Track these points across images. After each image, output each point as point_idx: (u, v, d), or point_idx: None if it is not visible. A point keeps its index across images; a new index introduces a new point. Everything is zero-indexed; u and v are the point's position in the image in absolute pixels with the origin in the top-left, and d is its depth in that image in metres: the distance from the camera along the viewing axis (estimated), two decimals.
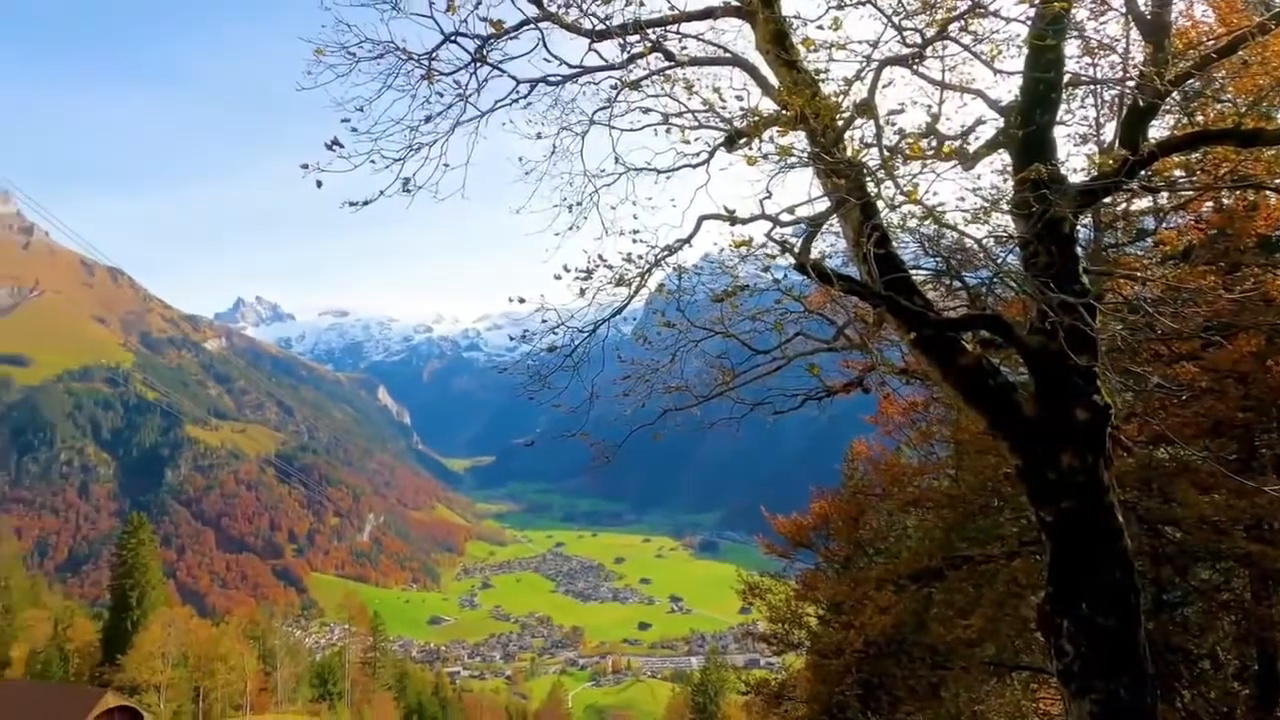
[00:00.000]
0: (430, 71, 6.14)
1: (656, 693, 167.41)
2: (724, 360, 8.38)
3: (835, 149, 5.91)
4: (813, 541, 18.17)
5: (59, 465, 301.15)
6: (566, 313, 6.90)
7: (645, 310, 8.80)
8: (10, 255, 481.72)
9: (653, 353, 8.25)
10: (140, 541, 61.07)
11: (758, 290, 7.74)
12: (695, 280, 7.33)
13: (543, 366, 7.21)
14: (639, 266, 6.64)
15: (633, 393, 8.39)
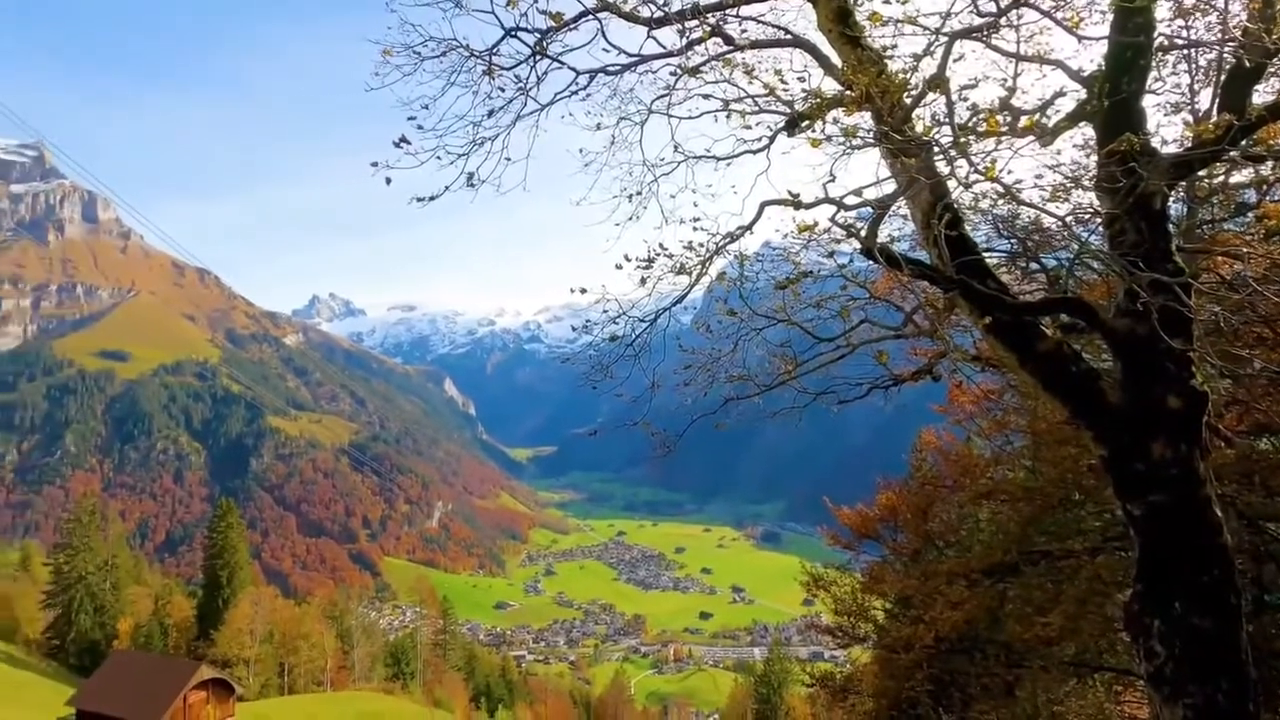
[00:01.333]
0: (491, 67, 6.22)
1: (718, 682, 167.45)
2: (787, 349, 8.22)
3: (903, 128, 5.69)
4: (879, 534, 17.70)
5: (156, 453, 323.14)
6: (627, 303, 6.91)
7: (705, 299, 8.73)
8: (110, 259, 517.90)
9: (714, 341, 8.18)
10: (229, 525, 64.95)
11: (821, 276, 7.56)
12: (757, 268, 7.22)
13: (604, 357, 7.25)
14: (700, 254, 6.58)
15: (694, 382, 8.34)
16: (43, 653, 64.44)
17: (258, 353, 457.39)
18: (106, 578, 65.45)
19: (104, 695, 34.56)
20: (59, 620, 64.32)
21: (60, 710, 35.90)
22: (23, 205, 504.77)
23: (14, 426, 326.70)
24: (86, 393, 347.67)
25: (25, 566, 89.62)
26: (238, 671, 53.00)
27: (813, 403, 9.21)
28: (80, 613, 63.47)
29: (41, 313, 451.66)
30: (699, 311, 9.79)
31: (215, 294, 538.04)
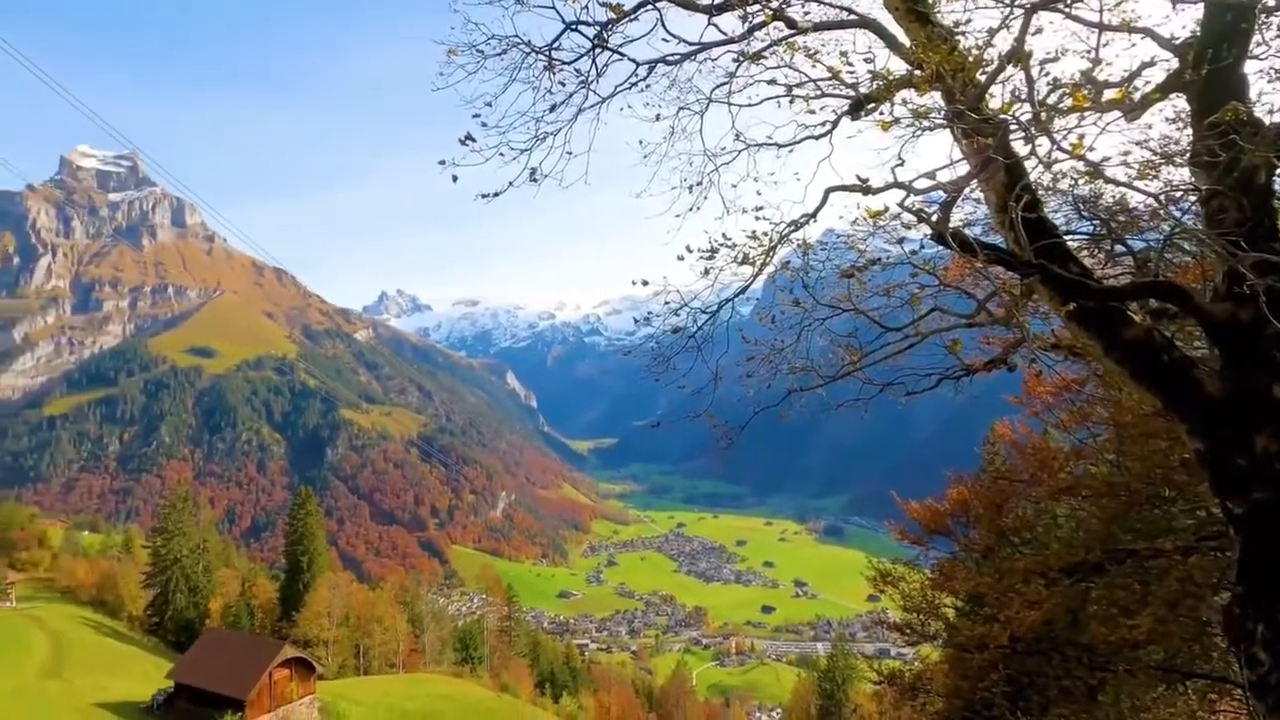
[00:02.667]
0: (552, 62, 6.28)
1: (781, 676, 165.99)
2: (852, 339, 8.02)
3: (978, 107, 5.44)
4: (950, 529, 17.09)
5: (241, 444, 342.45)
6: (689, 294, 6.87)
7: (765, 290, 8.59)
8: (198, 261, 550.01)
9: (776, 332, 8.04)
10: (308, 513, 68.23)
11: (889, 264, 7.33)
12: (820, 256, 7.06)
13: (666, 348, 7.23)
14: (764, 243, 6.48)
15: (756, 374, 8.23)
16: (144, 629, 69.33)
17: (331, 348, 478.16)
18: (199, 560, 69.79)
19: (199, 670, 36.99)
20: (158, 599, 69.06)
21: (161, 682, 38.63)
22: (119, 212, 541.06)
23: (116, 419, 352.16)
24: (178, 387, 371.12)
25: (128, 549, 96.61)
26: (317, 652, 55.68)
27: (879, 394, 8.96)
28: (176, 592, 67.96)
29: (138, 313, 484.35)
30: (758, 303, 9.65)
31: (292, 292, 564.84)
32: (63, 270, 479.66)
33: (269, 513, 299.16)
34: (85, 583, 78.74)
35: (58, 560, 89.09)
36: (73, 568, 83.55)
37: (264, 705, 35.25)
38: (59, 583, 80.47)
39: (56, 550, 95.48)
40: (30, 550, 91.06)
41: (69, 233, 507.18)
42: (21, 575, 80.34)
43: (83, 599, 75.97)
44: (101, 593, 76.25)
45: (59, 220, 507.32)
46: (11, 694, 35.53)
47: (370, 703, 41.75)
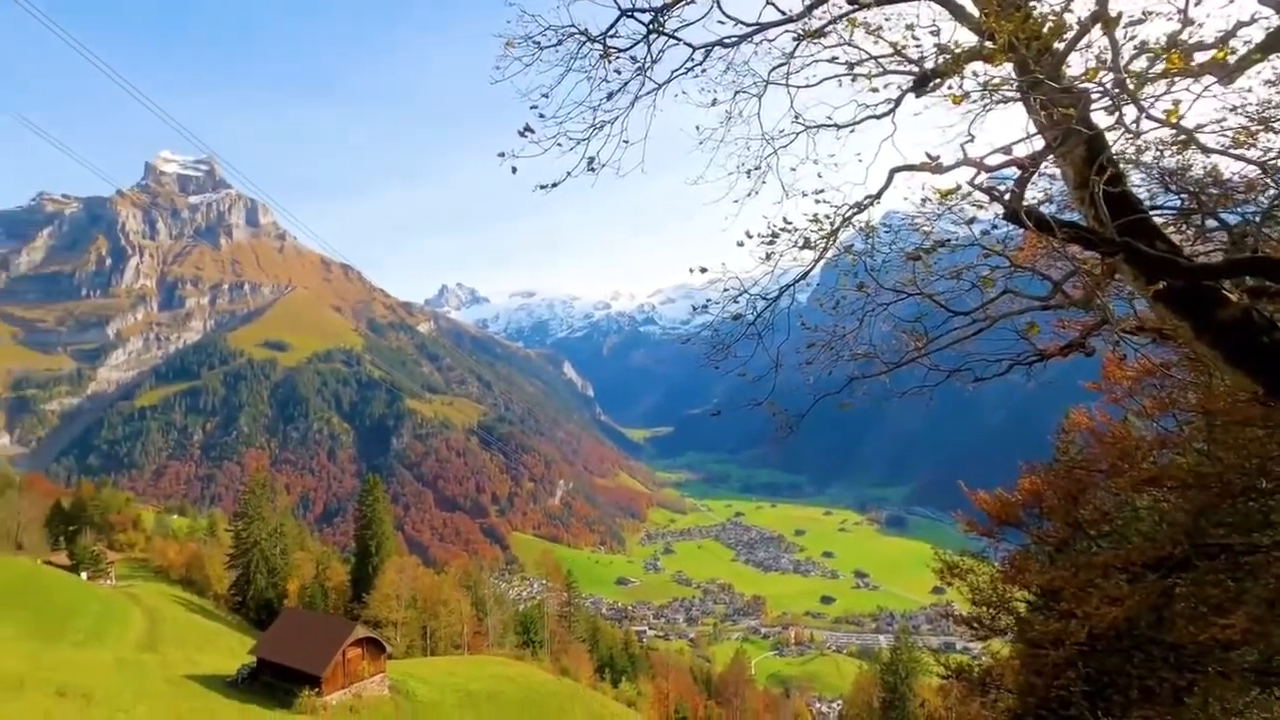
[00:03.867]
0: (608, 50, 6.24)
1: (842, 668, 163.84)
2: (918, 324, 7.75)
3: (1056, 76, 5.14)
4: (1021, 521, 16.39)
5: (313, 433, 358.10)
6: (748, 280, 6.76)
7: (824, 275, 8.37)
8: (270, 258, 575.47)
9: (837, 318, 7.85)
10: (376, 499, 70.82)
11: (957, 246, 7.05)
12: (886, 239, 6.84)
13: (725, 336, 7.14)
14: (825, 227, 6.31)
15: (816, 361, 8.06)
16: (229, 607, 73.56)
17: (395, 340, 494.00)
18: (277, 544, 73.46)
19: (279, 646, 39.04)
20: (240, 579, 73.10)
21: (245, 658, 40.97)
22: (198, 214, 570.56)
23: (200, 409, 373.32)
24: (255, 379, 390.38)
25: (213, 532, 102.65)
26: (386, 632, 57.88)
27: (945, 381, 8.65)
28: (257, 573, 71.78)
29: (217, 309, 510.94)
30: (816, 288, 9.42)
31: (357, 287, 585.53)
32: (149, 270, 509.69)
33: (340, 499, 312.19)
34: (175, 563, 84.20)
35: (151, 542, 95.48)
36: (164, 549, 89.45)
37: (338, 682, 36.95)
38: (152, 563, 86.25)
39: (149, 532, 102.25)
40: (127, 532, 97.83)
41: (154, 234, 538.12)
42: (120, 555, 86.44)
43: (173, 578, 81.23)
44: (190, 572, 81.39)
45: (145, 223, 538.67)
46: (114, 665, 38.35)
47: (437, 682, 43.20)
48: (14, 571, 58.89)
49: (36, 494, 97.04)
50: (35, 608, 53.30)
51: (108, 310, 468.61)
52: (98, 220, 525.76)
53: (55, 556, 75.39)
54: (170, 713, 27.81)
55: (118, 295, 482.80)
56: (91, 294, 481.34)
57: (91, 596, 58.93)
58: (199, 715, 28.73)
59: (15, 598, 54.04)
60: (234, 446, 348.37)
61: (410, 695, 39.84)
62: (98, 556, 75.01)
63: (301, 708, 34.33)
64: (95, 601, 57.79)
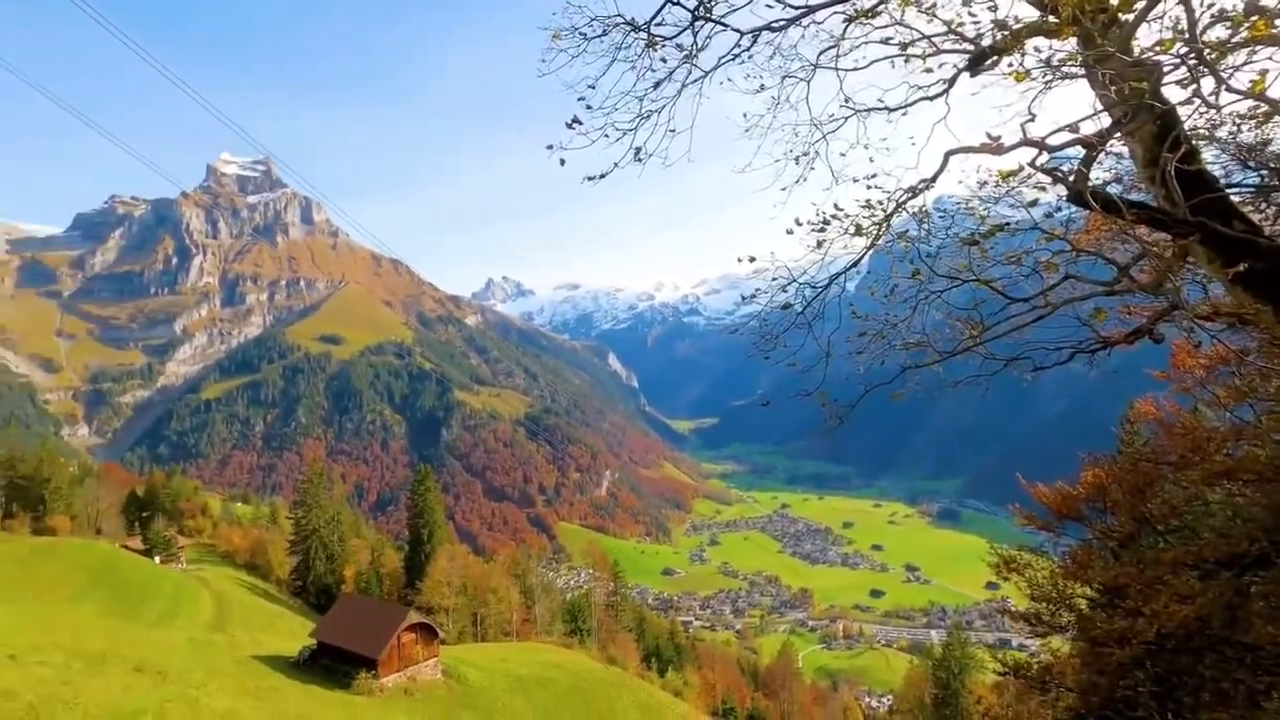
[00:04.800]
0: (653, 38, 6.21)
1: (892, 663, 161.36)
2: (975, 312, 7.50)
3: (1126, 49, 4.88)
4: (1083, 515, 15.76)
5: (366, 424, 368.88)
6: (797, 269, 6.66)
7: (872, 263, 8.16)
8: (324, 255, 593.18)
9: (888, 307, 7.67)
10: (427, 489, 72.60)
11: (1016, 230, 6.80)
12: (940, 224, 6.64)
13: (773, 325, 7.05)
14: (878, 213, 6.16)
15: (867, 350, 7.89)
16: (290, 591, 76.60)
17: (444, 333, 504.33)
18: (334, 531, 76.10)
19: (337, 630, 40.47)
20: (300, 565, 76.00)
21: (306, 640, 42.62)
22: (257, 213, 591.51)
23: (260, 401, 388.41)
24: (311, 372, 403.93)
25: (274, 519, 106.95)
26: (438, 618, 59.36)
27: (1003, 370, 8.36)
28: (316, 559, 74.51)
29: (275, 304, 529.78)
30: (864, 276, 9.20)
31: (407, 281, 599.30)
32: (212, 268, 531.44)
33: (392, 488, 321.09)
34: (240, 548, 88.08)
35: (217, 528, 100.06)
36: (229, 535, 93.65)
37: (393, 665, 38.12)
38: (219, 548, 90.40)
39: (216, 519, 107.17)
40: (195, 519, 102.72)
41: (216, 234, 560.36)
42: (190, 540, 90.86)
43: (239, 563, 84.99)
44: (254, 558, 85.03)
45: (207, 223, 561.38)
46: (186, 644, 40.42)
47: (487, 668, 44.16)
48: (95, 554, 62.50)
49: (113, 482, 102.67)
50: (114, 588, 56.52)
51: (174, 307, 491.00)
52: (164, 221, 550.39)
53: (131, 541, 79.69)
54: (239, 691, 29.15)
55: (183, 293, 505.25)
56: (159, 292, 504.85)
57: (164, 579, 62.15)
58: (265, 694, 30.03)
59: (97, 579, 57.42)
60: (293, 437, 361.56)
61: (462, 679, 40.83)
62: (169, 541, 78.99)
63: (359, 689, 35.56)
64: (168, 584, 60.94)
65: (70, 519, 79.18)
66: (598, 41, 6.26)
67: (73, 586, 54.89)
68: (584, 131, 6.00)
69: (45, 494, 77.02)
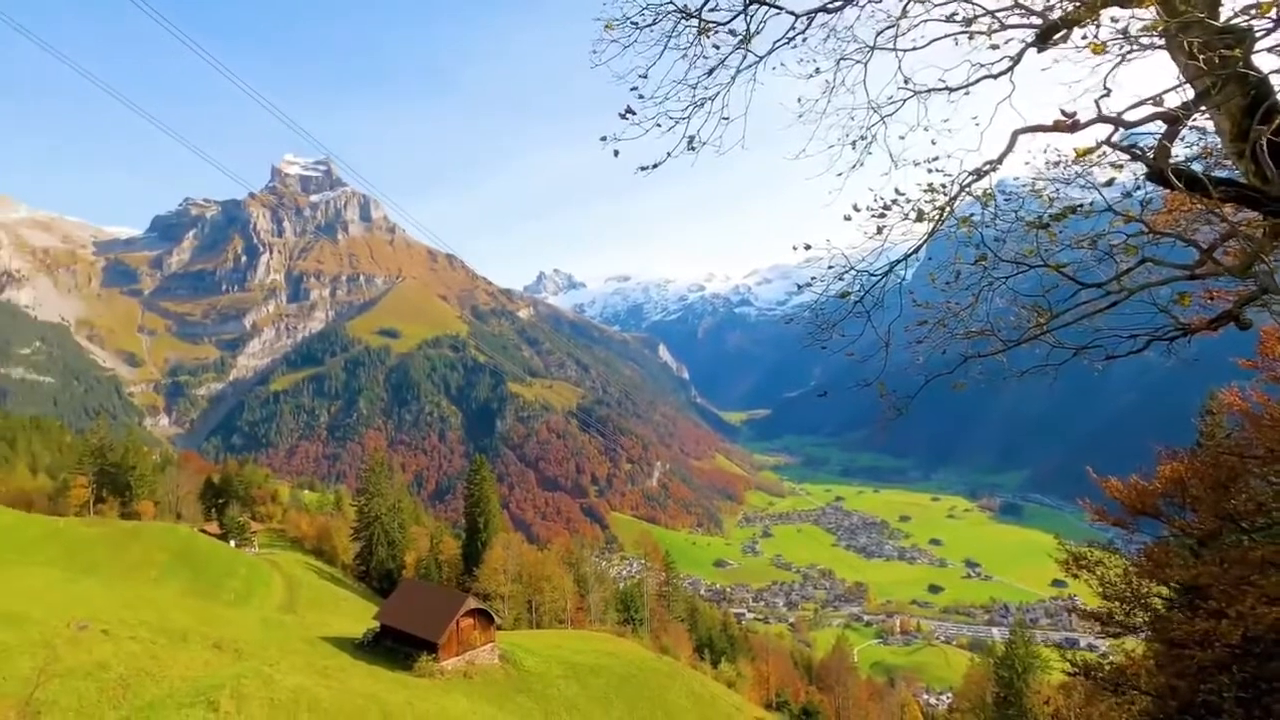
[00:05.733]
0: (705, 24, 6.14)
1: (951, 660, 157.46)
2: (1044, 298, 7.18)
3: (1213, 15, 4.58)
4: (1160, 510, 14.95)
5: (424, 415, 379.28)
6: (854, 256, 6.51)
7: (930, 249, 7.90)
8: (383, 251, 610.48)
9: (949, 294, 7.42)
10: (483, 479, 74.26)
11: (1089, 212, 6.47)
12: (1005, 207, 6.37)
13: (830, 315, 6.90)
14: (941, 197, 5.96)
15: (927, 339, 7.65)
16: (354, 575, 79.60)
17: (497, 326, 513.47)
18: (395, 519, 78.65)
19: (399, 614, 41.91)
20: (363, 550, 78.86)
21: (369, 622, 44.29)
22: (319, 212, 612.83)
23: (324, 393, 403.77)
24: (371, 365, 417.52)
25: (339, 506, 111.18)
26: (494, 605, 60.82)
27: (1072, 359, 7.99)
28: (378, 545, 77.19)
29: (337, 300, 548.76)
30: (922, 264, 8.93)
31: (461, 275, 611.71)
32: (278, 265, 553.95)
33: (449, 477, 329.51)
34: (308, 534, 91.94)
35: (287, 514, 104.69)
36: (298, 521, 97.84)
37: (452, 649, 39.25)
38: (288, 533, 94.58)
39: (285, 506, 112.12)
40: (266, 505, 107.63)
41: (281, 232, 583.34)
42: (261, 526, 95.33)
43: (306, 548, 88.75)
44: (320, 543, 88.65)
45: (273, 222, 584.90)
46: (260, 624, 42.53)
47: (543, 653, 45.02)
48: (177, 537, 66.22)
49: (191, 470, 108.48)
50: (194, 570, 59.83)
51: (244, 303, 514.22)
52: (233, 221, 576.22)
53: (208, 526, 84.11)
54: (308, 669, 30.51)
55: (252, 289, 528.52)
56: (230, 289, 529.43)
57: (239, 562, 65.43)
58: (333, 673, 31.35)
59: (179, 560, 60.88)
60: (355, 427, 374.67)
61: (518, 665, 41.74)
62: (243, 526, 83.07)
63: (420, 671, 36.75)
64: (243, 566, 64.15)
65: (154, 504, 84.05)
66: (649, 30, 6.23)
67: (157, 567, 58.36)
68: (637, 121, 5.99)
69: (131, 480, 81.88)
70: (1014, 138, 5.51)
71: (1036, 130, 5.31)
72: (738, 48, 6.13)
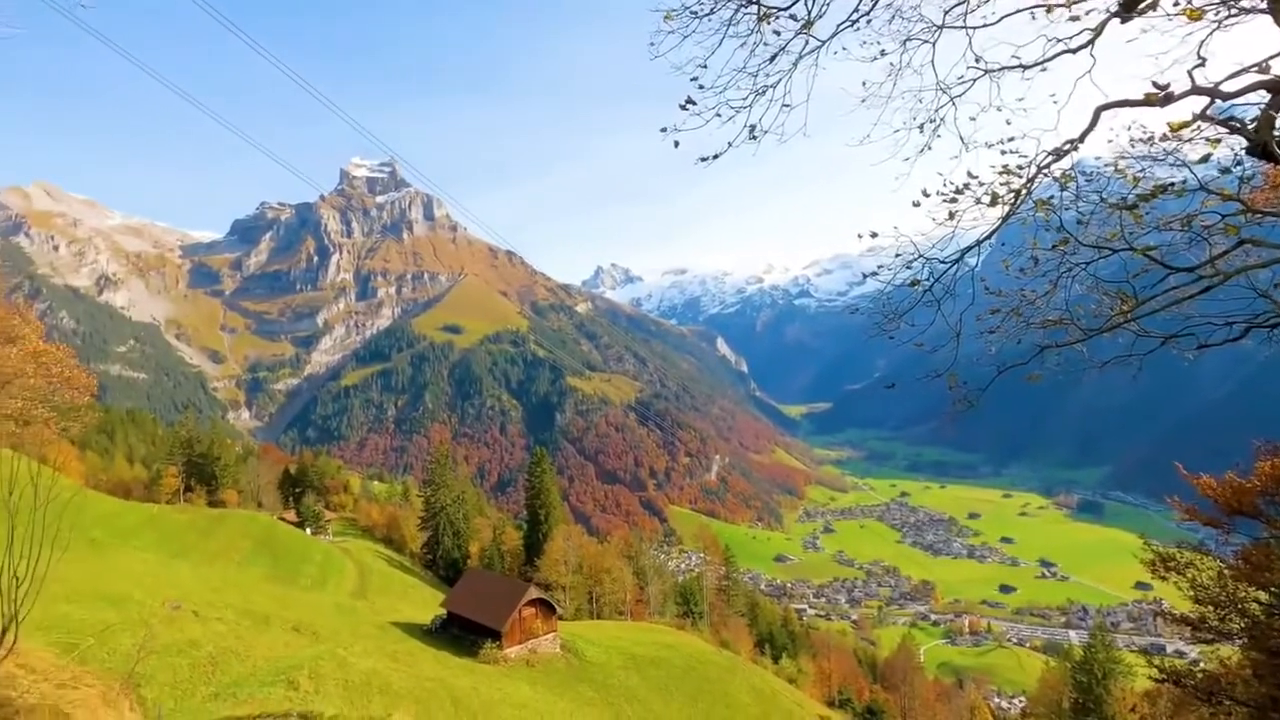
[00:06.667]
0: (765, 11, 6.03)
1: (1024, 662, 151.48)
2: (1128, 284, 6.79)
3: None
4: (1259, 510, 13.93)
5: (486, 409, 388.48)
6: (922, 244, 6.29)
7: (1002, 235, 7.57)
8: (445, 249, 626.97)
9: (1024, 281, 7.09)
10: (543, 471, 75.52)
11: (1181, 191, 6.07)
12: (1085, 189, 6.05)
13: (895, 305, 6.69)
14: (1016, 179, 5.70)
15: (1000, 329, 7.33)
16: (422, 563, 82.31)
17: (556, 321, 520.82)
18: (460, 509, 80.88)
19: (465, 602, 43.13)
20: (430, 540, 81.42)
21: (436, 609, 45.75)
22: (385, 212, 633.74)
23: (392, 388, 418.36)
24: (435, 360, 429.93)
25: (406, 497, 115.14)
26: (555, 595, 61.84)
27: (1159, 348, 7.52)
28: (444, 535, 79.56)
29: (402, 297, 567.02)
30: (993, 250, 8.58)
31: (521, 272, 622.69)
32: (347, 265, 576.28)
33: (511, 469, 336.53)
34: (378, 523, 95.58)
35: (358, 504, 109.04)
36: (368, 510, 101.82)
37: (515, 637, 40.15)
38: (359, 522, 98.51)
39: (356, 496, 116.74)
40: (339, 495, 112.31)
41: (349, 233, 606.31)
42: (335, 515, 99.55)
43: (376, 536, 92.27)
44: (389, 532, 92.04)
45: (342, 223, 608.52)
46: (334, 609, 44.53)
47: (603, 644, 45.53)
48: (258, 525, 69.86)
49: (270, 461, 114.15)
50: (274, 556, 63.03)
51: (316, 302, 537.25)
52: (306, 223, 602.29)
53: (286, 514, 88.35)
54: (380, 653, 31.77)
55: (324, 289, 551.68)
56: (303, 288, 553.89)
57: (315, 549, 68.55)
58: (402, 657, 32.55)
59: (260, 547, 64.23)
60: (420, 421, 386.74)
61: (580, 654, 42.36)
62: (318, 515, 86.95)
63: (485, 658, 37.75)
64: (318, 553, 67.19)
65: (237, 493, 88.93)
66: (708, 19, 6.15)
67: (241, 553, 61.75)
68: (697, 112, 5.93)
69: (216, 470, 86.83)
70: (1097, 114, 5.22)
71: (1122, 105, 5.01)
72: (799, 33, 5.99)
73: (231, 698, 20.74)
